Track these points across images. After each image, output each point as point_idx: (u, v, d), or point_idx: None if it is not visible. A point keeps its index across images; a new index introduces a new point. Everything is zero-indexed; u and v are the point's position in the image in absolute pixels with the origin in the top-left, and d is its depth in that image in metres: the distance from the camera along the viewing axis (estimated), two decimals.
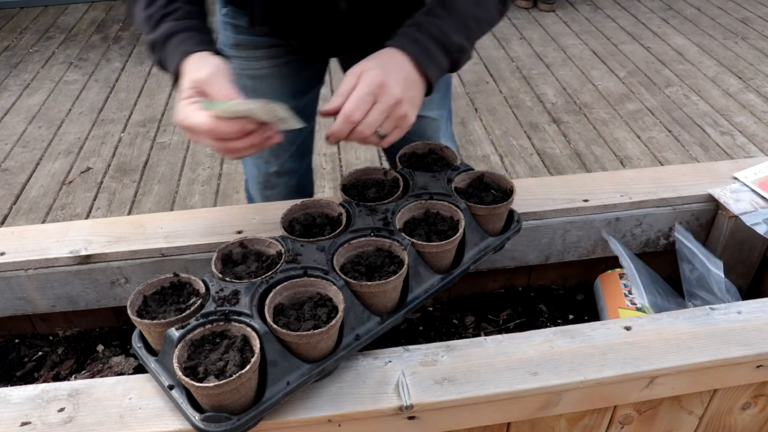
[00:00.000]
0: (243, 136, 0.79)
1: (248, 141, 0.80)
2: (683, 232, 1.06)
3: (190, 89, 0.80)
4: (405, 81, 0.84)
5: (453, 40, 0.87)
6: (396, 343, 0.86)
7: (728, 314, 0.85)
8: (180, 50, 0.84)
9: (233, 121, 0.77)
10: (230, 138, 0.78)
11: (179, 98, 0.81)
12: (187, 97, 0.80)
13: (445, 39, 0.87)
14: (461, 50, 0.89)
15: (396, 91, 0.81)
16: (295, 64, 1.19)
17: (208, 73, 0.80)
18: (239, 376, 0.64)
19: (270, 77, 1.18)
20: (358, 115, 0.80)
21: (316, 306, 0.75)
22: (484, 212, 0.90)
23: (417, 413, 0.74)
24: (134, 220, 1.03)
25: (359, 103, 0.80)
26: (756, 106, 3.22)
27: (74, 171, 2.82)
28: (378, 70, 0.82)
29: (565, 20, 4.27)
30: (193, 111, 0.78)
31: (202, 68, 0.81)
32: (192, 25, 0.87)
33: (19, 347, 1.05)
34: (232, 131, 0.78)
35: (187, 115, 0.78)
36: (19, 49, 3.99)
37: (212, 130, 0.77)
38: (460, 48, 0.88)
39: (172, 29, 0.86)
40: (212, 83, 0.79)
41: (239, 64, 1.18)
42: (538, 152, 2.90)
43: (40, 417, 0.72)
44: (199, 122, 0.77)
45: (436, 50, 0.87)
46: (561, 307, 1.12)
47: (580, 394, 0.77)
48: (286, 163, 1.30)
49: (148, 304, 0.78)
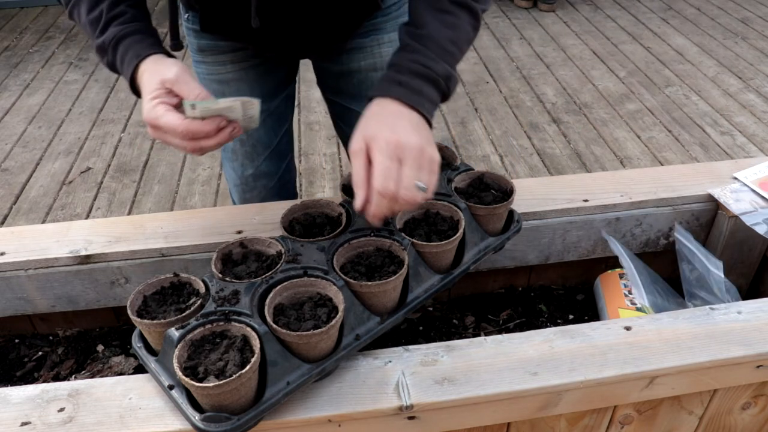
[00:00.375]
0: (216, 133, 0.81)
1: (219, 138, 0.81)
2: (683, 232, 1.06)
3: (157, 89, 0.81)
4: (412, 126, 0.79)
5: (437, 70, 0.84)
6: (396, 343, 0.86)
7: (728, 314, 0.85)
8: (132, 53, 0.86)
9: (209, 120, 0.79)
10: (205, 137, 0.80)
11: (147, 98, 0.82)
12: (155, 96, 0.81)
13: (428, 72, 0.83)
14: (448, 78, 0.85)
15: (413, 140, 0.76)
16: (262, 68, 1.19)
17: (176, 74, 0.81)
18: (239, 376, 0.64)
19: (237, 81, 1.18)
20: (393, 186, 0.74)
21: (316, 306, 0.75)
22: (484, 212, 0.90)
23: (417, 413, 0.74)
24: (134, 220, 1.03)
25: (386, 174, 0.75)
26: (756, 106, 3.22)
27: (74, 171, 2.82)
28: (384, 133, 0.77)
29: (565, 20, 4.27)
30: (165, 111, 0.79)
31: (167, 69, 0.83)
32: (139, 28, 0.89)
33: (19, 347, 1.05)
34: (209, 130, 0.80)
35: (159, 114, 0.79)
36: (19, 49, 3.99)
37: (187, 130, 0.78)
38: (446, 76, 0.85)
39: (120, 33, 0.88)
40: (182, 83, 0.81)
41: (206, 68, 1.19)
42: (538, 152, 2.90)
43: (40, 417, 0.72)
44: (174, 123, 0.78)
45: (423, 86, 0.83)
46: (561, 307, 1.12)
47: (580, 394, 0.77)
48: (261, 166, 1.29)
49: (148, 304, 0.78)
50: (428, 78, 0.83)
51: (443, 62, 0.85)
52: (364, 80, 1.19)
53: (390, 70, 0.85)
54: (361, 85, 1.20)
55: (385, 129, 0.77)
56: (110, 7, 0.89)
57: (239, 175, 1.31)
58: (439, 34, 0.85)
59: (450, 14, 0.87)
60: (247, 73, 1.18)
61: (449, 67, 0.85)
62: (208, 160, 2.87)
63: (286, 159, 1.35)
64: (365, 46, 1.15)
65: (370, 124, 0.79)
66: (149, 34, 0.90)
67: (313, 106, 3.25)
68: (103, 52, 0.90)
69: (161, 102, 0.80)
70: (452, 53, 0.86)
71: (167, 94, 0.81)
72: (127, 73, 0.87)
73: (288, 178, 1.38)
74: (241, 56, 1.16)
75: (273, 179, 1.33)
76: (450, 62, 0.86)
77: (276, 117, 1.27)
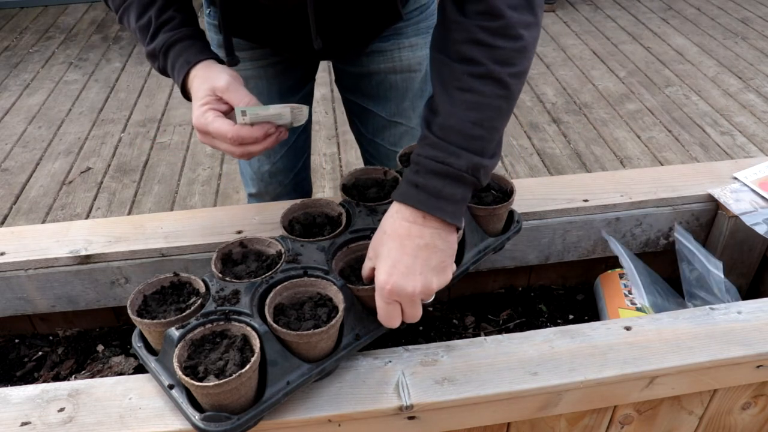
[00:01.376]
0: (264, 139, 0.83)
1: (266, 143, 0.84)
2: (682, 233, 1.06)
3: (207, 96, 0.84)
4: (416, 258, 0.74)
5: (459, 165, 0.73)
6: (396, 343, 0.86)
7: (728, 314, 0.85)
8: (183, 60, 0.88)
9: (258, 126, 0.82)
10: (254, 142, 0.82)
11: (197, 104, 0.85)
12: (205, 103, 0.84)
13: (448, 169, 0.73)
14: (475, 169, 0.74)
15: (410, 287, 0.73)
16: (281, 66, 1.19)
17: (227, 81, 0.84)
18: (239, 375, 0.64)
19: (256, 78, 1.18)
20: (396, 324, 0.76)
21: (316, 306, 0.75)
22: (484, 213, 0.90)
23: (417, 413, 0.74)
24: (134, 220, 1.03)
25: (387, 316, 0.75)
26: (756, 106, 3.22)
27: (74, 171, 2.82)
28: (385, 271, 0.74)
29: (565, 20, 4.27)
30: (214, 118, 0.82)
31: (217, 76, 0.85)
32: (189, 34, 0.90)
33: (19, 347, 1.05)
34: (258, 136, 0.82)
35: (209, 121, 0.82)
36: (19, 49, 3.99)
37: (237, 135, 0.81)
38: (471, 168, 0.73)
39: (170, 39, 0.89)
40: (232, 91, 0.83)
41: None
42: (538, 152, 2.90)
43: (40, 417, 0.72)
44: (223, 129, 0.81)
45: (443, 185, 0.73)
46: (561, 307, 1.12)
47: (580, 394, 0.77)
48: (278, 162, 1.30)
49: (148, 304, 0.78)
50: (448, 175, 0.73)
51: (467, 152, 0.73)
52: (383, 81, 1.19)
53: (410, 169, 0.76)
54: (380, 86, 1.20)
55: (385, 268, 0.74)
56: (159, 14, 0.90)
57: (255, 170, 1.32)
58: (460, 120, 0.74)
59: (470, 92, 0.74)
60: (266, 71, 1.19)
61: (475, 156, 0.74)
62: (208, 160, 2.87)
63: (303, 156, 1.36)
64: (385, 49, 1.15)
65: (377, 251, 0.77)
66: (198, 38, 0.91)
67: (314, 106, 3.24)
68: (154, 58, 0.92)
69: (210, 108, 0.83)
70: (479, 137, 0.74)
71: (217, 101, 0.84)
72: (178, 79, 0.89)
73: (304, 175, 1.39)
74: (259, 54, 1.16)
75: (289, 176, 1.34)
76: (478, 149, 0.74)
77: None
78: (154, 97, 3.40)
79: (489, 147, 0.75)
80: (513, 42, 0.74)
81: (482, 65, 0.73)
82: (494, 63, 0.73)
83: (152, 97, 3.40)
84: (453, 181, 0.74)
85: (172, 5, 0.91)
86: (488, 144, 0.75)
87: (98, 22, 4.36)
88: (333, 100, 3.30)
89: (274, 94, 1.22)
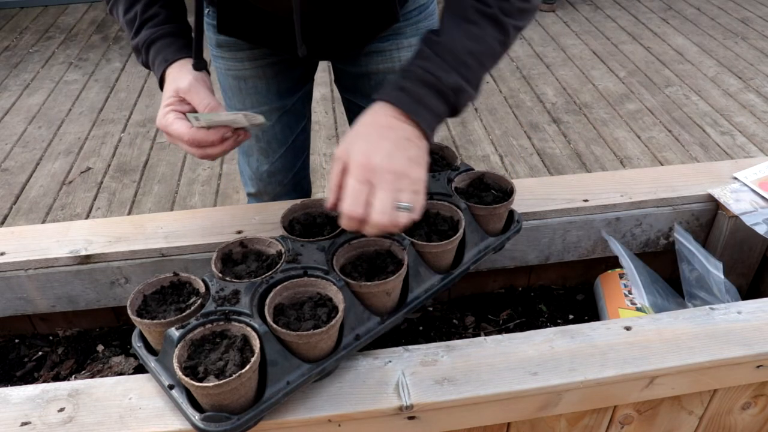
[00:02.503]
0: (221, 142, 0.85)
1: (224, 146, 0.86)
2: (682, 233, 1.06)
3: (171, 97, 0.86)
4: (397, 145, 0.74)
5: (446, 81, 0.78)
6: (396, 343, 0.86)
7: (728, 314, 0.85)
8: (161, 58, 0.90)
9: (213, 130, 0.84)
10: (210, 145, 0.85)
11: (162, 105, 0.87)
12: (168, 104, 0.86)
13: (436, 81, 0.78)
14: (458, 90, 0.79)
15: (389, 164, 0.72)
16: (279, 66, 1.19)
17: (189, 83, 0.86)
18: (239, 375, 0.64)
19: (254, 78, 1.19)
20: (360, 210, 0.71)
21: (316, 306, 0.75)
22: (484, 212, 0.90)
23: (417, 413, 0.74)
24: (134, 220, 1.03)
25: (354, 197, 0.72)
26: (756, 106, 3.22)
27: (74, 171, 2.82)
28: (361, 151, 0.73)
29: (565, 20, 4.27)
30: (174, 119, 0.85)
31: (182, 78, 0.87)
32: (171, 31, 0.91)
33: (19, 347, 1.05)
34: (214, 140, 0.84)
35: (169, 122, 0.85)
36: (19, 49, 3.99)
37: (193, 138, 0.83)
38: (456, 89, 0.79)
39: (152, 36, 0.91)
40: (193, 93, 0.85)
41: (224, 64, 1.19)
42: (538, 152, 2.90)
43: (40, 417, 0.72)
44: (180, 132, 0.84)
45: (427, 95, 0.78)
46: (561, 307, 1.12)
47: (580, 394, 0.77)
48: (276, 162, 1.30)
49: (148, 304, 0.78)
50: (434, 87, 0.78)
51: (456, 74, 0.79)
52: (382, 82, 1.19)
53: (398, 75, 0.81)
54: (379, 86, 1.20)
55: (365, 147, 0.74)
56: (145, 9, 0.91)
57: (254, 170, 1.32)
58: (458, 45, 0.79)
59: (475, 25, 0.80)
60: (264, 70, 1.19)
61: (462, 80, 0.79)
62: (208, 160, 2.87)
63: (302, 156, 1.36)
64: (384, 50, 1.15)
65: (355, 137, 0.76)
66: (180, 36, 0.92)
67: (313, 106, 3.23)
68: (138, 53, 0.94)
69: (173, 109, 0.85)
70: (470, 66, 0.80)
71: (180, 102, 0.86)
72: (157, 76, 0.91)
73: (303, 174, 1.39)
74: (258, 54, 1.16)
75: (288, 175, 1.34)
76: (465, 75, 0.79)
77: (293, 114, 1.27)
78: (154, 97, 3.40)
79: (474, 77, 0.81)
80: (521, 2, 0.82)
81: (491, 8, 0.80)
82: (501, 12, 0.81)
83: (152, 97, 3.40)
84: (437, 94, 0.78)
85: (158, 1, 0.92)
86: (474, 74, 0.81)
87: (98, 22, 4.36)
88: (333, 100, 3.30)
89: (273, 93, 1.22)
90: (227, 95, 1.24)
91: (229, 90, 1.23)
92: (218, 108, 0.85)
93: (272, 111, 1.24)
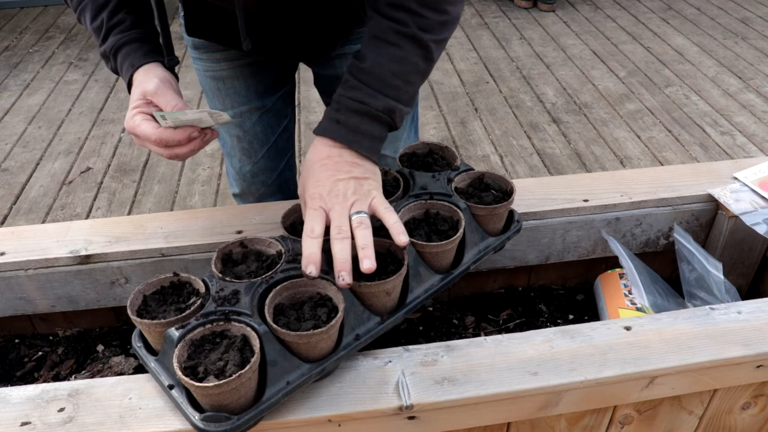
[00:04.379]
0: (188, 142, 0.86)
1: (192, 146, 0.87)
2: (682, 233, 1.06)
3: (138, 100, 0.87)
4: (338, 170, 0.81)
5: (377, 106, 0.83)
6: (396, 343, 0.86)
7: (728, 314, 0.85)
8: (128, 63, 0.91)
9: (180, 130, 0.85)
10: (177, 145, 0.86)
11: (129, 108, 0.88)
12: (135, 107, 0.87)
13: (368, 109, 0.83)
14: (391, 111, 0.84)
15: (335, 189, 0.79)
16: (256, 66, 1.19)
17: (155, 85, 0.87)
18: (239, 375, 0.64)
19: (231, 78, 1.19)
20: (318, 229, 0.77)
21: (316, 306, 0.75)
22: (484, 212, 0.90)
23: (417, 413, 0.74)
24: (134, 220, 1.03)
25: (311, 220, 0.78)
26: (756, 106, 3.22)
27: (74, 171, 2.82)
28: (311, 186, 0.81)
29: (565, 20, 4.27)
30: (141, 121, 0.86)
31: (149, 81, 0.88)
32: (137, 36, 0.93)
33: (19, 347, 1.05)
34: (180, 139, 0.85)
35: (136, 124, 0.86)
36: (19, 49, 3.99)
37: (159, 138, 0.85)
38: (387, 110, 0.84)
39: (118, 42, 0.92)
40: (159, 95, 0.87)
41: (202, 65, 1.20)
42: (538, 152, 2.90)
43: (40, 417, 0.72)
44: (147, 132, 0.85)
45: (362, 122, 0.83)
46: (561, 307, 1.12)
47: (580, 394, 0.77)
48: (259, 162, 1.30)
49: (148, 304, 0.78)
50: (367, 114, 0.83)
51: (385, 97, 0.83)
52: None
53: (331, 108, 0.85)
54: None
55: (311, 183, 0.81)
56: (110, 16, 0.92)
57: (237, 170, 1.32)
58: (383, 69, 0.84)
59: (395, 46, 0.84)
60: (241, 70, 1.19)
61: (392, 101, 0.84)
62: (208, 160, 2.87)
63: (285, 156, 1.35)
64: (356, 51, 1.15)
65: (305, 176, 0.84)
66: (146, 41, 0.93)
67: (313, 106, 3.25)
68: (106, 59, 0.95)
69: (140, 112, 0.87)
70: (397, 86, 0.84)
71: (147, 105, 0.87)
72: (125, 81, 0.93)
73: (288, 175, 1.38)
74: (233, 54, 1.17)
75: (272, 176, 1.33)
76: (395, 96, 0.84)
77: (273, 114, 1.27)
78: None
79: (404, 96, 0.86)
80: (438, 15, 0.85)
81: (409, 27, 0.83)
82: (418, 29, 0.84)
83: None
84: (370, 119, 0.83)
85: (123, 7, 0.93)
86: (404, 93, 0.85)
87: None
88: None
89: (252, 93, 1.22)
90: (208, 96, 1.25)
91: (210, 91, 1.23)
92: (184, 108, 0.86)
93: (252, 111, 1.24)
